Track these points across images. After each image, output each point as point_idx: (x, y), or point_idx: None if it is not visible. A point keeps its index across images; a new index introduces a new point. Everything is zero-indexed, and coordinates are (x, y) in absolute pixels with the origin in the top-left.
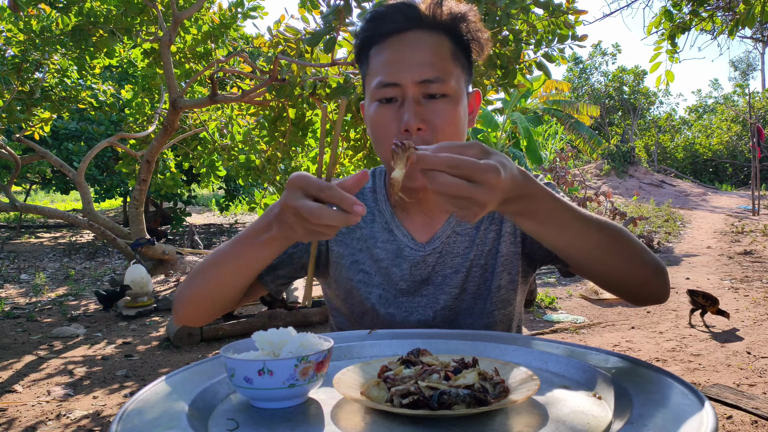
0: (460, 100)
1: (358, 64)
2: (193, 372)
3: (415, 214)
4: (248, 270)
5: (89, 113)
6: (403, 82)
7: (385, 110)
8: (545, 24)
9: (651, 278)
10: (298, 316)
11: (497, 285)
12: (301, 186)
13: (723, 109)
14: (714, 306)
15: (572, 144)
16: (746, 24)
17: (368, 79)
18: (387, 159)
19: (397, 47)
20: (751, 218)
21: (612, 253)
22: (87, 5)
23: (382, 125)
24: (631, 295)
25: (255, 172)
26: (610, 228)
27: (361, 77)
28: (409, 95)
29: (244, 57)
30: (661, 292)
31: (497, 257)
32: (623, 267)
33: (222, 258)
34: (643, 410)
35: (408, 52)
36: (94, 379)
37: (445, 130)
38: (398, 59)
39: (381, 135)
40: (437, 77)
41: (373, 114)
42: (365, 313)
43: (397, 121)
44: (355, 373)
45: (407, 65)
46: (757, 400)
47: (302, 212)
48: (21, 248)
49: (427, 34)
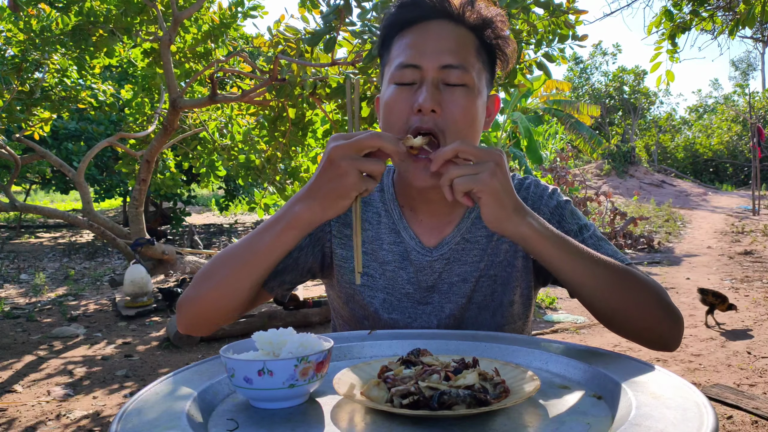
0: (480, 94)
1: (380, 52)
2: (193, 372)
3: (423, 216)
4: (266, 262)
5: (89, 113)
6: (424, 65)
7: (402, 92)
8: (546, 24)
9: (659, 323)
10: (298, 317)
11: (510, 300)
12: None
13: (723, 109)
14: (723, 304)
15: (572, 144)
16: (746, 24)
17: (388, 66)
18: None
19: (421, 32)
20: (751, 218)
21: (615, 292)
22: (87, 5)
23: (396, 107)
24: (636, 336)
25: (255, 172)
26: (617, 267)
27: (380, 67)
28: (428, 78)
29: (244, 57)
30: (670, 339)
31: (512, 271)
32: (628, 307)
33: (237, 255)
34: (643, 410)
35: (432, 37)
36: (94, 379)
37: (459, 120)
38: (421, 43)
39: (393, 119)
40: (459, 64)
41: (389, 96)
42: (366, 317)
43: (411, 103)
44: (355, 373)
45: (429, 49)
46: (757, 400)
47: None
48: (21, 248)
49: (454, 24)
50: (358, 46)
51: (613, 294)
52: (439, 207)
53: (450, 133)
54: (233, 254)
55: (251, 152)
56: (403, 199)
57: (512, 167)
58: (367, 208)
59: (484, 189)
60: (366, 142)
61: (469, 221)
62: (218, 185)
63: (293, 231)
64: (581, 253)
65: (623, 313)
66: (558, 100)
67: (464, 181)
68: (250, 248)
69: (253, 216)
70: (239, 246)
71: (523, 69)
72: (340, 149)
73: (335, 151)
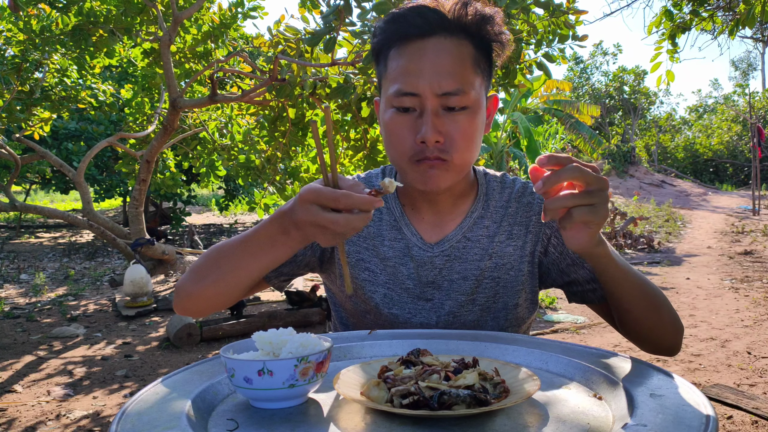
0: (480, 109)
1: (374, 62)
2: (193, 372)
3: (425, 214)
4: (261, 270)
5: (89, 113)
6: (423, 93)
7: (402, 119)
8: (546, 24)
9: (669, 332)
10: (298, 316)
11: (514, 303)
12: (315, 200)
13: (723, 109)
14: None
15: (573, 144)
16: (746, 24)
17: (385, 83)
18: (398, 162)
19: (417, 55)
20: (751, 218)
21: (644, 299)
22: (87, 5)
23: (398, 133)
24: (647, 341)
25: (255, 172)
26: (648, 282)
27: (377, 76)
28: (428, 107)
29: (244, 57)
30: (674, 346)
31: (517, 275)
32: (650, 315)
33: (232, 258)
34: (643, 410)
35: (428, 61)
36: (94, 380)
37: (461, 143)
38: (418, 69)
39: (397, 145)
40: (458, 89)
41: (389, 120)
42: (368, 311)
43: (414, 131)
44: (355, 373)
45: (427, 76)
46: (757, 400)
47: (326, 224)
48: (21, 248)
49: (449, 40)
50: (358, 46)
51: (648, 313)
52: (442, 206)
53: (456, 156)
54: (232, 253)
55: (251, 152)
56: (405, 198)
57: (512, 167)
58: None
59: (600, 222)
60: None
61: (471, 220)
62: (218, 185)
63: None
64: (633, 273)
65: (650, 329)
66: (558, 100)
67: (583, 212)
68: (251, 254)
69: (253, 216)
70: (238, 246)
71: (523, 69)
72: (311, 218)
73: (306, 218)
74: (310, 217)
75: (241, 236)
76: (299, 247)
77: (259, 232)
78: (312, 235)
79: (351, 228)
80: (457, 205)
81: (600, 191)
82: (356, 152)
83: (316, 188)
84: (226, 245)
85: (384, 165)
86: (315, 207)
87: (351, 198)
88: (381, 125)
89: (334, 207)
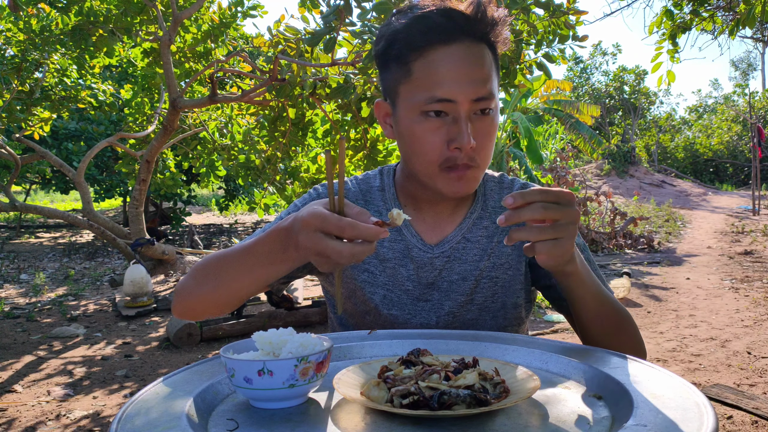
0: (497, 111)
1: (385, 64)
2: (193, 372)
3: (426, 215)
4: (259, 283)
5: (89, 113)
6: (459, 100)
7: (434, 124)
8: (546, 24)
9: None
10: (298, 316)
11: (513, 302)
12: (320, 227)
13: (723, 109)
14: None
15: (573, 144)
16: (746, 24)
17: (409, 88)
18: (424, 169)
19: (450, 61)
20: (751, 218)
21: (607, 321)
22: (87, 5)
23: (428, 140)
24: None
25: (255, 172)
26: (615, 304)
27: (388, 79)
28: (463, 113)
29: (244, 57)
30: None
31: (516, 275)
32: (611, 337)
33: (230, 270)
34: (643, 410)
35: (463, 68)
36: (94, 380)
37: (487, 147)
38: (455, 76)
39: (423, 149)
40: (489, 94)
41: (418, 126)
42: (367, 312)
43: (444, 137)
44: (355, 373)
45: (464, 83)
46: (757, 400)
47: (329, 254)
48: (21, 248)
49: (474, 45)
50: (358, 46)
51: (610, 335)
52: (442, 207)
53: (482, 160)
54: (230, 264)
55: (251, 152)
56: (405, 198)
57: (512, 167)
58: (368, 206)
59: (565, 255)
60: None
61: (471, 221)
62: (218, 185)
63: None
64: (601, 293)
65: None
66: (558, 100)
67: (547, 246)
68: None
69: (253, 216)
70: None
71: (523, 69)
72: (314, 245)
73: (309, 244)
74: (313, 244)
75: (241, 246)
76: (297, 266)
77: (258, 246)
78: (312, 261)
79: (353, 259)
80: (457, 206)
81: (567, 225)
82: (356, 152)
83: (322, 214)
84: (226, 255)
85: (382, 166)
86: (319, 234)
87: (357, 228)
88: (403, 134)
89: (338, 236)
